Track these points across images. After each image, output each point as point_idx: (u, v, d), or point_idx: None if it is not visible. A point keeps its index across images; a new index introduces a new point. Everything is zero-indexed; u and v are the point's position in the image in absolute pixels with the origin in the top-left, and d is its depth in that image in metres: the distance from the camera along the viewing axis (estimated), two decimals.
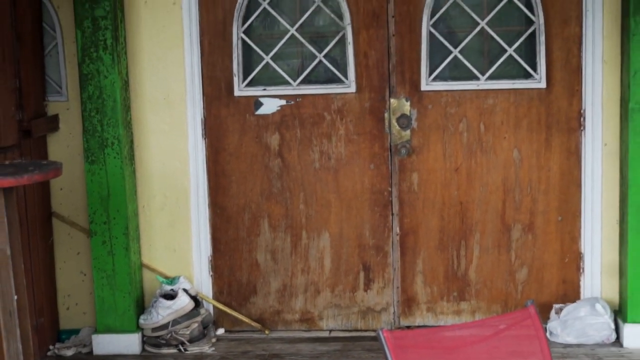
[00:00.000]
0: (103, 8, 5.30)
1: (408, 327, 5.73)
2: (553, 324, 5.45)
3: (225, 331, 5.80)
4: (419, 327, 5.70)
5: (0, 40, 5.02)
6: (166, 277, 5.68)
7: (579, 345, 5.39)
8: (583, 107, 5.48)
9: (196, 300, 5.61)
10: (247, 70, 5.64)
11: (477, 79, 5.52)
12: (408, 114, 5.55)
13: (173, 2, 5.53)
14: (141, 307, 5.68)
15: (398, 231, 5.66)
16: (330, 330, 5.79)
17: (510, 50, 5.49)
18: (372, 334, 5.67)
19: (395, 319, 5.75)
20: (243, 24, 5.58)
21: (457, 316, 5.71)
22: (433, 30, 5.50)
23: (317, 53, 5.60)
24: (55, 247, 5.76)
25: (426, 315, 5.73)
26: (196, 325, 5.54)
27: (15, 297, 3.94)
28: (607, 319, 5.39)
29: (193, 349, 5.51)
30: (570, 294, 5.64)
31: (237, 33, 5.58)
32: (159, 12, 5.54)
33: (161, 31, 5.56)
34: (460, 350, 3.27)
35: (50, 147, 5.68)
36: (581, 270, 5.61)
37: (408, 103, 5.55)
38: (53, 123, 5.63)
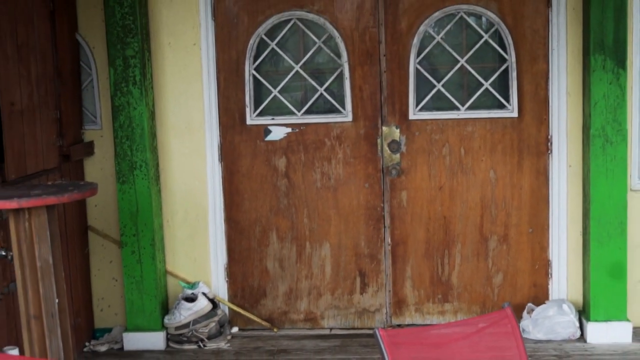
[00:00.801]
0: (132, 49, 5.32)
1: (399, 326, 5.71)
2: (525, 323, 5.43)
3: (239, 329, 5.78)
4: (408, 325, 5.68)
5: (44, 77, 5.03)
6: (187, 282, 5.66)
7: (548, 341, 5.37)
8: (550, 134, 5.48)
9: (214, 303, 5.59)
10: (257, 102, 5.64)
11: (458, 109, 5.53)
12: (398, 139, 5.55)
13: (193, 43, 5.54)
14: (165, 308, 5.66)
15: (389, 242, 5.65)
16: (331, 329, 5.76)
17: (487, 84, 5.49)
18: (368, 331, 5.66)
19: (387, 318, 5.73)
20: (254, 62, 5.59)
21: (442, 316, 5.69)
22: (419, 67, 5.51)
23: (318, 87, 5.60)
24: (91, 257, 5.75)
25: (414, 315, 5.71)
26: (214, 324, 5.53)
27: (57, 300, 3.93)
28: (572, 318, 5.38)
29: (211, 345, 5.49)
30: (540, 296, 5.62)
31: (248, 70, 5.58)
32: (181, 52, 5.55)
33: (183, 68, 5.57)
34: (446, 346, 3.26)
35: (86, 169, 5.68)
36: (549, 276, 5.60)
37: (398, 130, 5.55)
38: (89, 148, 5.63)
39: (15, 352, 3.96)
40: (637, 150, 5.41)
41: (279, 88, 5.60)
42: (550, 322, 5.37)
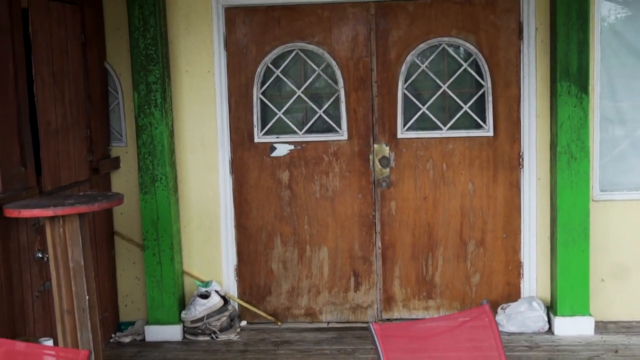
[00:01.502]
0: (154, 75, 5.33)
1: (388, 320, 5.70)
2: (500, 317, 5.42)
3: (247, 323, 5.77)
4: (397, 319, 5.68)
5: (76, 100, 5.04)
6: (202, 281, 5.66)
7: (520, 334, 5.36)
8: (522, 150, 5.49)
9: (225, 299, 5.58)
10: (264, 122, 5.65)
11: (440, 129, 5.54)
12: (387, 156, 5.56)
13: (207, 70, 5.55)
14: (182, 304, 5.65)
15: (380, 246, 5.65)
16: (328, 322, 5.75)
17: (466, 107, 5.51)
18: (361, 325, 5.65)
19: (378, 313, 5.72)
20: (261, 87, 5.60)
21: (426, 311, 5.69)
22: (406, 92, 5.53)
23: (317, 109, 5.61)
24: (117, 258, 5.74)
25: (402, 311, 5.70)
26: (225, 318, 5.52)
27: (87, 297, 3.93)
28: (541, 313, 5.38)
29: (222, 337, 5.48)
30: (513, 293, 5.62)
31: (256, 94, 5.59)
32: (197, 78, 5.56)
33: (198, 92, 5.58)
34: (432, 338, 3.26)
35: (113, 181, 5.68)
36: (521, 276, 5.60)
37: (387, 147, 5.56)
38: (115, 163, 5.63)
39: (50, 342, 3.96)
40: (597, 165, 5.43)
41: (283, 110, 5.61)
42: (522, 316, 5.37)
